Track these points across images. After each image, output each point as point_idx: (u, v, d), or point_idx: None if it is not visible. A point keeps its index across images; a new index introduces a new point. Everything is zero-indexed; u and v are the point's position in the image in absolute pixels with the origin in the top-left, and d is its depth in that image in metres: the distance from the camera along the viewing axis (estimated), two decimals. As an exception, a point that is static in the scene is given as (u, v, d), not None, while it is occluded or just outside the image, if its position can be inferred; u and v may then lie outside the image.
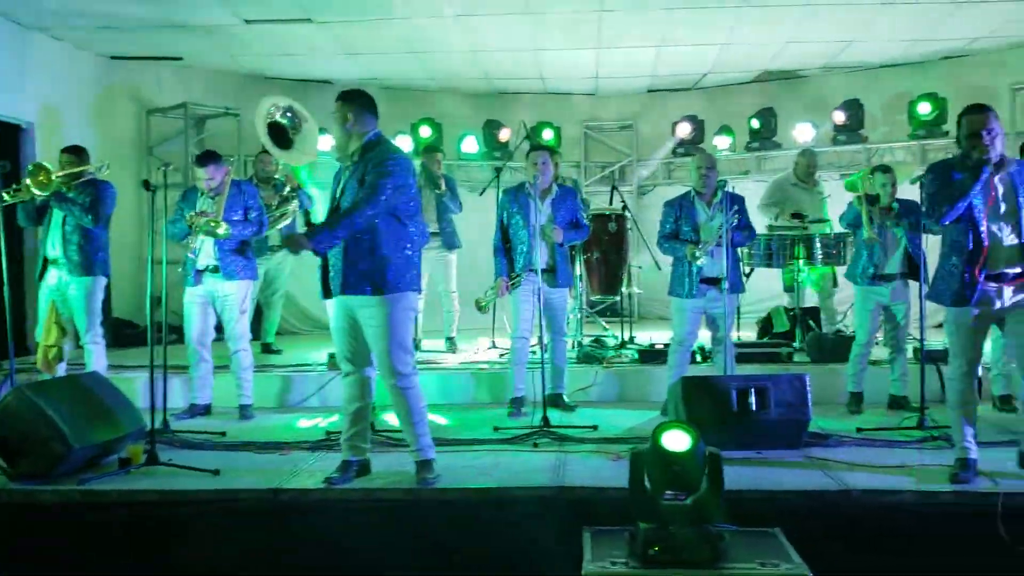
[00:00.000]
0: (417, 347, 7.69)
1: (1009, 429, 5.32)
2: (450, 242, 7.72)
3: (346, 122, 4.36)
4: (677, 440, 3.63)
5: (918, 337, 5.63)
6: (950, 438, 5.00)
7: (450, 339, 7.90)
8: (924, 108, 9.30)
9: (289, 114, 4.62)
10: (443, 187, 7.55)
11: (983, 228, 4.22)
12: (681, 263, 5.78)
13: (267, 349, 7.93)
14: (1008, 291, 4.26)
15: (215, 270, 5.90)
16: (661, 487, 3.64)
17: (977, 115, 4.27)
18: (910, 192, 5.67)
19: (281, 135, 6.55)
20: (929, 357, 6.00)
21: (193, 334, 6.00)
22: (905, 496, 4.14)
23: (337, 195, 4.37)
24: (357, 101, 4.40)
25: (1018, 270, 4.23)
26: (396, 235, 4.30)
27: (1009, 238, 4.23)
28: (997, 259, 4.23)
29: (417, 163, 7.84)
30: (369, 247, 4.25)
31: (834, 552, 3.92)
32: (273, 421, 6.05)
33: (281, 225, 7.50)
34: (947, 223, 4.30)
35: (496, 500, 4.28)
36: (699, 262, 5.60)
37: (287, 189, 7.52)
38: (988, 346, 4.92)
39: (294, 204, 7.50)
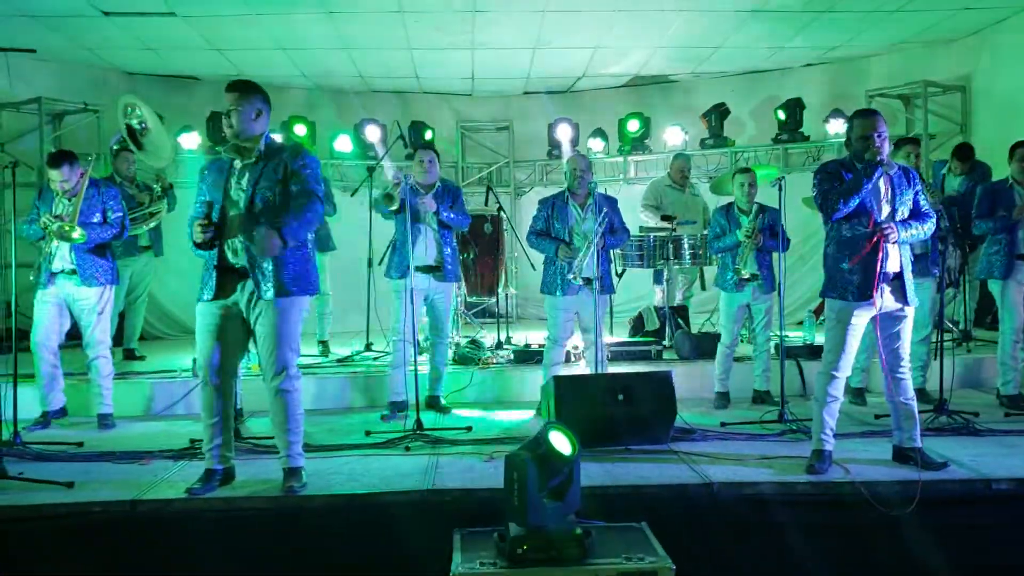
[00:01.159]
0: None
1: (862, 421, 5.64)
2: (323, 244, 7.58)
3: (258, 116, 4.27)
4: (562, 443, 3.69)
5: (779, 334, 5.87)
6: (808, 430, 5.25)
7: (323, 343, 7.75)
8: (784, 114, 9.71)
9: (138, 118, 4.48)
10: None
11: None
12: (552, 263, 5.85)
13: (130, 355, 7.59)
14: (887, 289, 4.43)
15: (72, 272, 5.60)
16: (535, 489, 3.66)
17: (868, 118, 4.45)
18: (770, 194, 5.88)
19: (132, 136, 6.33)
20: (788, 353, 6.28)
21: (39, 336, 5.67)
22: (764, 487, 4.29)
23: (243, 191, 4.18)
24: (265, 97, 4.33)
25: (897, 269, 4.41)
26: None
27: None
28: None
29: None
30: (298, 251, 4.24)
31: (698, 543, 4.06)
32: (136, 430, 5.80)
33: (150, 225, 7.23)
34: (837, 219, 4.42)
35: (364, 506, 4.21)
36: (571, 277, 5.68)
37: (158, 188, 7.24)
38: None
39: (165, 204, 7.24)
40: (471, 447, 5.13)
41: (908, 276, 4.42)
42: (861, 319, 4.42)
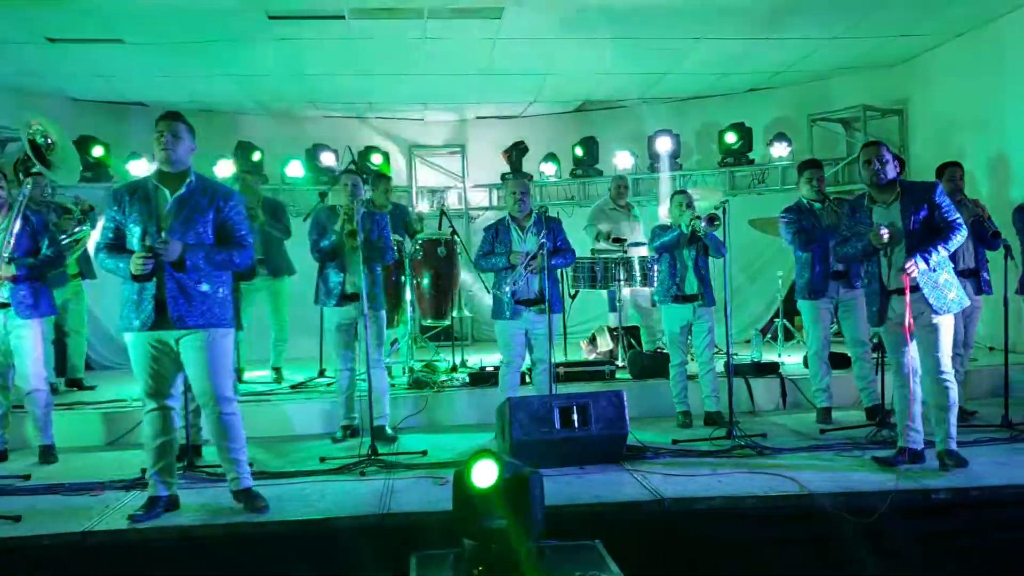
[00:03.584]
0: (240, 378, 7.49)
1: (810, 435, 5.81)
2: (277, 268, 7.55)
3: (190, 149, 4.32)
4: (486, 473, 3.71)
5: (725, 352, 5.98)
6: (757, 445, 5.37)
7: (276, 369, 7.72)
8: (731, 138, 9.95)
9: (41, 132, 4.45)
10: (260, 216, 7.33)
11: None
12: (499, 287, 5.92)
13: (75, 384, 7.46)
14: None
15: (4, 305, 5.48)
16: (487, 509, 3.70)
17: (870, 147, 4.85)
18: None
19: (38, 153, 6.24)
20: (737, 371, 6.40)
21: None
22: (715, 502, 4.38)
23: (164, 216, 4.19)
24: (194, 131, 4.38)
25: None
26: (227, 271, 4.37)
27: None
28: None
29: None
30: (209, 280, 4.26)
31: (651, 559, 4.11)
32: (87, 461, 5.70)
33: (77, 252, 7.07)
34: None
35: (319, 531, 4.21)
36: (507, 290, 5.78)
37: (77, 211, 7.00)
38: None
39: (88, 228, 7.00)
40: (426, 471, 5.14)
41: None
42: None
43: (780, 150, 9.72)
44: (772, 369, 7.11)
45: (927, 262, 4.61)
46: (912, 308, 4.64)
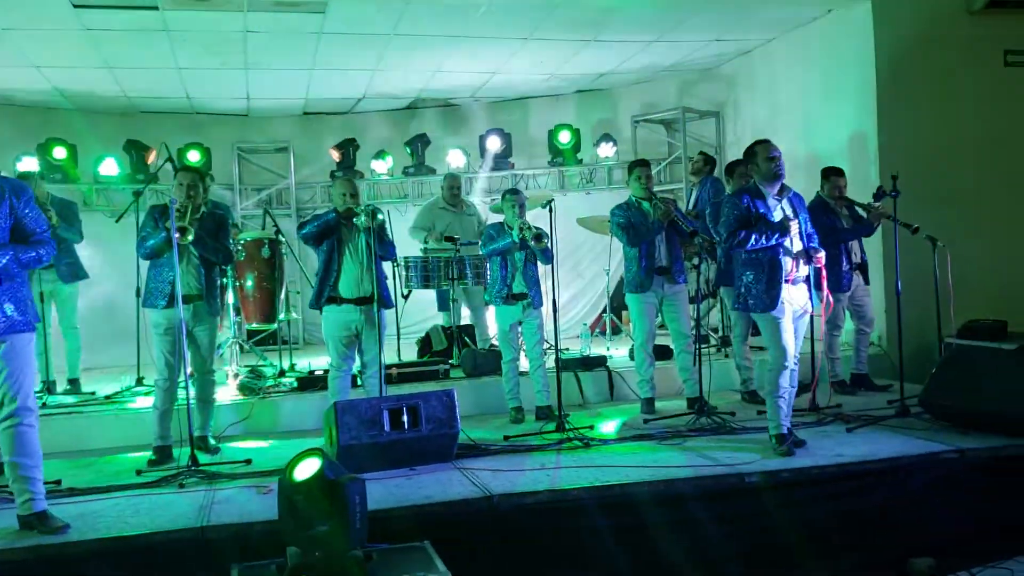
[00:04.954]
0: (51, 390, 6.99)
1: (633, 426, 5.98)
2: (69, 273, 7.01)
3: None
4: (307, 468, 3.64)
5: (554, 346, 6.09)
6: (584, 438, 5.50)
7: (73, 380, 7.18)
8: (564, 137, 10.16)
9: None
10: (53, 217, 6.65)
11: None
12: (320, 278, 5.73)
13: None
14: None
15: None
16: (309, 516, 3.61)
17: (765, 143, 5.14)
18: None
19: None
20: (566, 366, 6.54)
21: None
22: (541, 495, 4.43)
23: None
24: None
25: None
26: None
27: None
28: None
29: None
30: (19, 282, 4.05)
31: (481, 556, 4.14)
32: None
33: None
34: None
35: (134, 548, 3.97)
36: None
37: None
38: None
39: None
40: (251, 480, 4.96)
41: None
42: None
43: (607, 150, 10.01)
44: (600, 363, 7.30)
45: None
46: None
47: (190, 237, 5.28)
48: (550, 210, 5.88)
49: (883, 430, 5.52)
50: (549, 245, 6.03)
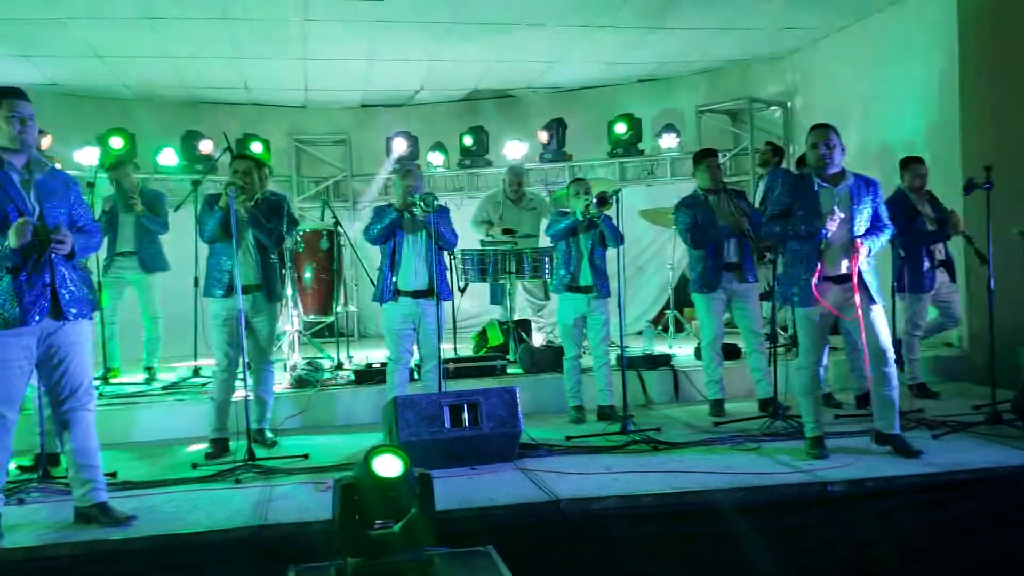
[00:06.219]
0: (109, 378, 6.97)
1: (703, 428, 5.74)
2: (151, 264, 7.07)
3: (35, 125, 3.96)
4: (389, 465, 3.45)
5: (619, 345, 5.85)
6: (651, 440, 5.26)
7: (149, 369, 7.21)
8: (621, 128, 9.90)
9: None
10: (139, 205, 6.90)
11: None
12: (382, 270, 5.62)
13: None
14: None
15: None
16: (371, 516, 3.44)
17: (819, 130, 4.77)
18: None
19: None
20: (629, 364, 6.29)
21: None
22: (609, 501, 4.21)
23: (32, 206, 3.81)
24: None
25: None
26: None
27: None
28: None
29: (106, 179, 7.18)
30: (83, 270, 4.17)
31: (547, 562, 3.94)
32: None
33: None
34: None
35: (189, 547, 3.85)
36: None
37: None
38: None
39: None
40: (308, 476, 4.83)
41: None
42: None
43: (669, 141, 9.73)
44: (665, 361, 7.05)
45: (870, 251, 4.69)
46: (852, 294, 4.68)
47: (242, 196, 5.20)
48: (617, 199, 5.66)
49: (972, 437, 5.18)
50: (615, 207, 5.73)
